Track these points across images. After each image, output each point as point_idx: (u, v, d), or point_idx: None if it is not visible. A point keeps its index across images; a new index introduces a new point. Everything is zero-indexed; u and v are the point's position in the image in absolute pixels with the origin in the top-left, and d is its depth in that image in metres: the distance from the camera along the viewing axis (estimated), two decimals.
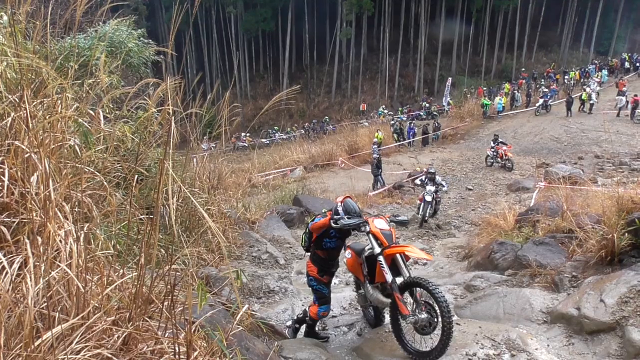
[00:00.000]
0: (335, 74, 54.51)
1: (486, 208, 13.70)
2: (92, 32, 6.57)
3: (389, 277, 4.24)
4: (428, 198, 12.93)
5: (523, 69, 47.10)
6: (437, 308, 3.94)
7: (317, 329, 5.08)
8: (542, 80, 40.34)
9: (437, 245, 10.17)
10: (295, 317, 5.17)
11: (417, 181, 14.37)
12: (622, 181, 11.13)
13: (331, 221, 4.48)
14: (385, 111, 43.07)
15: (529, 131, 26.21)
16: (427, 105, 41.60)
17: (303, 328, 5.10)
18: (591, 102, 28.39)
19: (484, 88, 42.14)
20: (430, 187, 13.07)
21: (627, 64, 41.48)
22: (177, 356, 2.33)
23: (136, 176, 2.93)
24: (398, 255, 4.33)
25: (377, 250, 4.35)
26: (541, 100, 30.48)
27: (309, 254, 5.01)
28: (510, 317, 5.30)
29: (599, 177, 15.52)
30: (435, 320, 4.00)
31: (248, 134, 38.67)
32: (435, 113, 37.65)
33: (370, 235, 4.42)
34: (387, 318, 4.86)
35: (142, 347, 2.40)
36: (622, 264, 5.32)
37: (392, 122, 34.00)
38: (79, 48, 5.69)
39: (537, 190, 12.94)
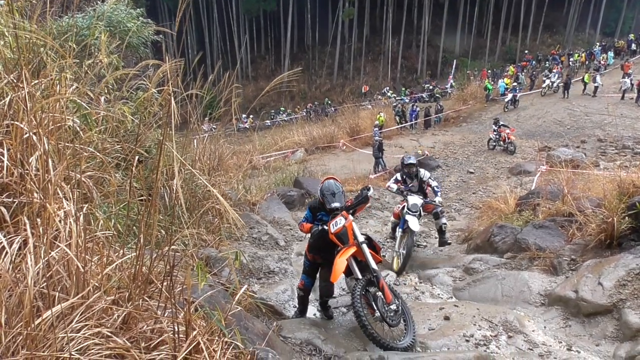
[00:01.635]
0: (337, 55, 54.04)
1: (487, 191, 13.68)
2: (90, 12, 6.51)
3: (356, 275, 4.41)
4: (411, 222, 7.09)
5: (527, 51, 46.63)
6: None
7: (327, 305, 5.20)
8: (547, 62, 39.90)
9: None
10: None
11: (392, 184, 7.98)
12: (624, 165, 11.13)
13: (308, 234, 4.77)
14: (390, 92, 42.87)
15: (532, 114, 26.03)
16: (431, 87, 41.30)
17: (311, 309, 5.20)
18: (595, 84, 28.15)
19: (488, 70, 41.76)
20: (414, 198, 7.39)
21: (633, 46, 40.80)
22: (176, 335, 2.36)
23: (136, 157, 2.92)
24: (363, 248, 4.39)
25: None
26: (547, 81, 30.28)
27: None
28: (508, 299, 5.36)
29: (602, 161, 15.47)
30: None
31: (251, 116, 38.55)
32: (437, 95, 37.40)
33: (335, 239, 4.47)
34: None
35: (141, 326, 2.44)
36: (622, 247, 5.34)
37: (395, 104, 33.80)
38: (77, 27, 5.64)
39: (539, 174, 12.90)
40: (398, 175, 8.12)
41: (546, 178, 10.82)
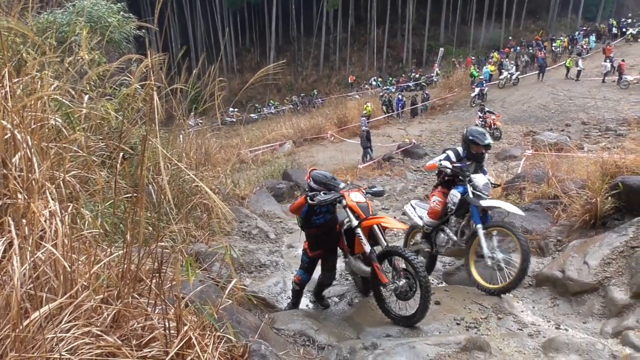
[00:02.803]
0: (322, 46, 53.85)
1: None
2: (70, 7, 6.42)
3: (367, 248, 4.36)
4: (504, 206, 5.05)
5: (511, 37, 46.77)
6: (413, 272, 4.06)
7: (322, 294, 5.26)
8: (530, 48, 40.11)
9: None
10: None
11: (443, 161, 5.39)
12: (607, 147, 11.26)
13: (307, 199, 4.51)
14: (379, 80, 42.89)
15: (517, 100, 26.22)
16: (417, 76, 41.33)
17: (303, 300, 5.23)
18: (578, 69, 28.45)
19: (473, 57, 41.87)
20: (481, 177, 5.22)
21: (614, 30, 41.29)
22: (167, 331, 2.37)
23: (121, 154, 2.90)
24: (375, 227, 4.42)
25: (355, 223, 4.46)
26: (505, 73, 30.86)
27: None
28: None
29: (585, 144, 15.64)
30: (414, 285, 4.10)
31: (236, 109, 38.33)
32: (423, 84, 37.46)
33: (347, 209, 4.51)
34: None
35: (132, 324, 2.43)
36: (606, 227, 5.45)
37: (381, 94, 33.83)
38: (57, 24, 5.56)
39: (524, 158, 13.04)
40: (451, 153, 5.47)
41: (532, 162, 10.93)
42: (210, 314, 2.65)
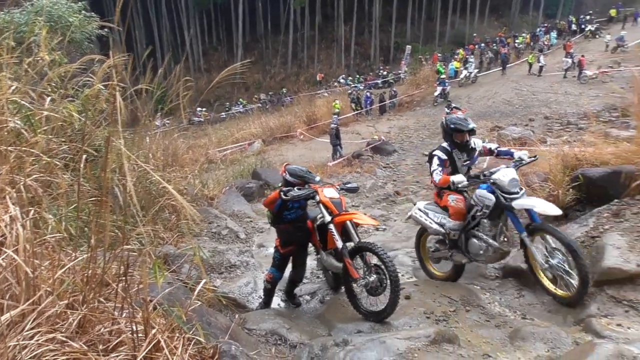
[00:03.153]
0: (290, 43, 53.71)
1: None
2: (28, 7, 6.25)
3: (339, 243, 4.44)
4: (544, 206, 4.52)
5: (475, 34, 47.62)
6: (384, 268, 4.12)
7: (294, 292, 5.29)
8: (494, 45, 40.93)
9: (396, 211, 10.37)
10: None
11: (439, 173, 5.01)
12: (568, 140, 11.61)
13: (281, 194, 4.54)
14: (348, 79, 43.02)
15: (482, 95, 26.69)
16: (384, 73, 41.65)
17: (275, 299, 5.25)
18: (540, 64, 29.22)
19: (439, 54, 42.45)
20: (508, 172, 4.71)
21: (574, 26, 42.58)
22: (134, 335, 2.34)
23: (85, 157, 2.85)
24: (348, 222, 4.48)
25: (328, 218, 4.52)
26: (465, 72, 31.17)
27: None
28: (466, 274, 5.53)
29: (548, 137, 16.04)
30: (385, 280, 4.16)
31: (204, 109, 37.92)
32: (391, 81, 37.77)
33: (321, 205, 4.57)
34: None
35: (98, 329, 2.40)
36: (568, 218, 5.63)
37: (349, 91, 33.96)
38: (14, 24, 5.40)
39: None
40: (440, 153, 5.08)
41: None
42: (179, 316, 2.63)
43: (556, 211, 4.38)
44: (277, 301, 5.30)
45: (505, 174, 4.65)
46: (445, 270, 5.51)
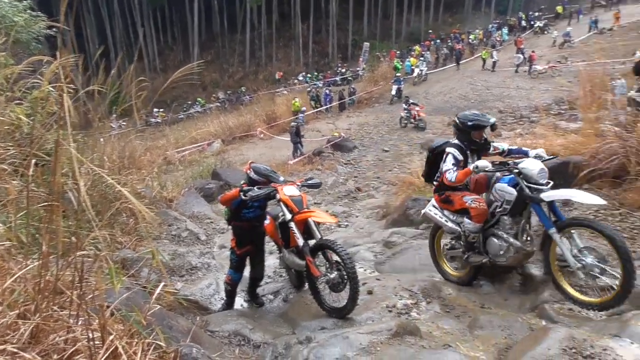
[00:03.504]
0: (248, 42, 53.26)
1: (402, 167, 14.22)
2: None
3: (300, 241, 4.45)
4: (583, 197, 3.91)
5: (430, 31, 48.48)
6: (342, 264, 4.15)
7: (257, 292, 5.27)
8: (449, 41, 41.81)
9: (357, 207, 10.47)
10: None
11: (453, 173, 4.43)
12: (521, 133, 11.99)
13: (241, 193, 4.51)
14: (308, 76, 43.02)
15: (439, 91, 27.25)
16: (343, 70, 41.88)
17: (238, 300, 5.20)
18: (493, 60, 30.08)
19: (397, 51, 43.03)
20: (533, 162, 4.21)
21: (523, 22, 44.06)
22: (91, 342, 2.28)
23: (34, 161, 2.75)
24: (310, 220, 4.50)
25: (288, 216, 4.52)
26: (417, 70, 31.84)
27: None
28: (426, 267, 5.60)
29: (503, 131, 16.52)
30: (346, 276, 4.18)
31: (161, 110, 37.17)
32: (350, 78, 38.02)
33: (281, 203, 4.57)
34: None
35: (53, 338, 2.32)
36: None
37: (309, 89, 34.00)
38: None
39: None
40: (454, 151, 4.55)
41: None
42: (138, 320, 2.58)
43: (599, 201, 3.87)
44: (240, 302, 5.26)
45: (533, 164, 4.16)
46: (462, 270, 5.09)
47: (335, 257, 4.29)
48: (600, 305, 3.80)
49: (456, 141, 4.66)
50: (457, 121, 4.66)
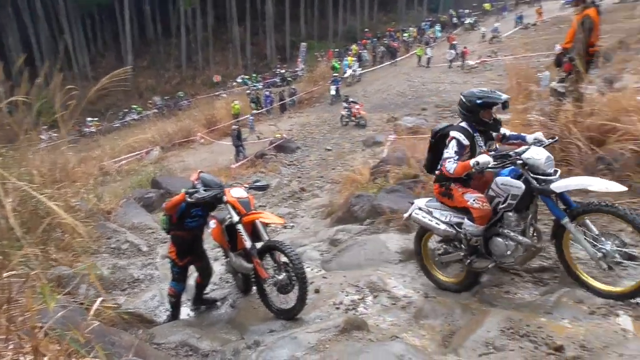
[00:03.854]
0: (183, 46, 52.14)
1: (345, 165, 14.37)
2: None
3: (247, 243, 4.40)
4: (603, 184, 3.51)
5: (366, 30, 49.31)
6: (290, 265, 4.17)
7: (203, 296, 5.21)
8: (385, 39, 42.69)
9: (302, 207, 10.50)
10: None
11: (453, 160, 3.89)
12: None
13: (186, 195, 4.42)
14: (246, 78, 42.60)
15: (378, 88, 27.76)
16: (282, 71, 41.82)
17: (184, 310, 5.09)
18: (427, 56, 31.03)
19: (335, 50, 43.45)
20: (538, 151, 3.74)
21: (455, 19, 45.81)
22: None
23: None
24: (257, 222, 4.46)
25: (235, 218, 4.46)
26: (349, 71, 32.22)
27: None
28: (371, 262, 5.69)
29: None
30: (293, 277, 4.19)
31: (95, 119, 35.77)
32: (289, 79, 38.03)
33: (228, 205, 4.50)
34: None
35: None
36: None
37: (248, 91, 33.73)
38: None
39: (389, 143, 13.87)
40: (459, 135, 4.01)
41: (395, 146, 11.67)
42: (75, 339, 2.47)
43: (620, 187, 3.41)
44: (186, 311, 5.15)
45: (538, 152, 3.70)
46: (455, 275, 4.65)
47: (284, 258, 4.28)
48: (629, 293, 3.42)
49: (463, 124, 4.13)
50: (463, 100, 4.12)
